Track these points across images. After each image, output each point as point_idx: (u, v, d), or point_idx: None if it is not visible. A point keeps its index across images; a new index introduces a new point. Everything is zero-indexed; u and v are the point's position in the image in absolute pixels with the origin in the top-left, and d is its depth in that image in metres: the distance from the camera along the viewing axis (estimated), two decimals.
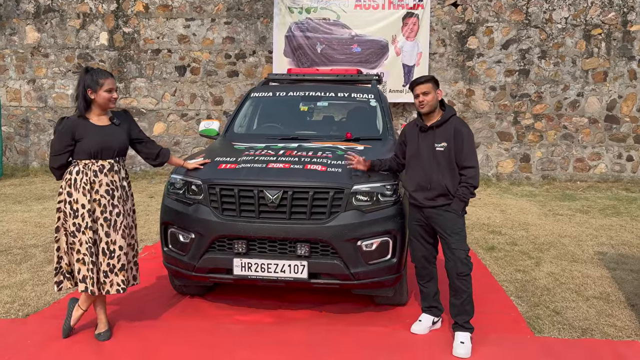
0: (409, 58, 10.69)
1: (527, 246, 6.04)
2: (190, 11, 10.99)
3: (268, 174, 3.68)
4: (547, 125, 10.79)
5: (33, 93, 11.30)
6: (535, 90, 10.74)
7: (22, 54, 11.21)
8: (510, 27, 10.66)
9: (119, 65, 11.13)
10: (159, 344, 3.51)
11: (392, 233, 3.66)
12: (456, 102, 10.87)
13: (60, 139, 3.40)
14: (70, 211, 3.38)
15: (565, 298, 4.39)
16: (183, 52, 11.06)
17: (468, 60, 10.79)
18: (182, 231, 3.77)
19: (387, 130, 4.86)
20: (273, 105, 5.34)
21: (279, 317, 3.95)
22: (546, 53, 10.64)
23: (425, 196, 3.53)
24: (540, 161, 10.88)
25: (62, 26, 11.10)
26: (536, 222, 7.32)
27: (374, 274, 3.64)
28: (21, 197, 8.74)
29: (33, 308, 4.07)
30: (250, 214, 3.61)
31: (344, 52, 10.71)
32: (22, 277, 4.73)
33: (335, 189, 3.59)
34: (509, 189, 10.19)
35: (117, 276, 3.46)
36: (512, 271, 5.11)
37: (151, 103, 11.22)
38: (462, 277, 3.42)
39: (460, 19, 10.73)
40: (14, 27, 11.15)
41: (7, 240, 5.95)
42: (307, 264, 3.55)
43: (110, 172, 3.45)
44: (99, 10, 11.04)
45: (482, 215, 7.80)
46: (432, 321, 3.73)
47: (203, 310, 4.09)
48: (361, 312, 4.05)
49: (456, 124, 3.56)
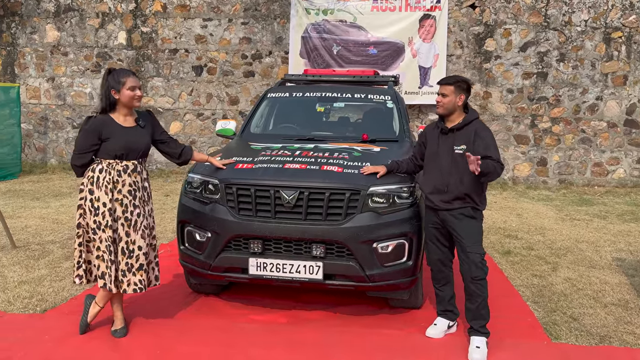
0: (425, 60, 10.65)
1: (543, 251, 5.98)
2: (208, 11, 11.05)
3: (284, 174, 3.68)
4: (565, 129, 10.67)
5: (52, 91, 11.45)
6: (553, 94, 10.62)
7: (42, 53, 11.37)
8: (529, 30, 10.57)
9: (136, 65, 11.23)
10: (174, 341, 3.53)
11: (408, 235, 3.65)
12: (473, 105, 10.77)
13: (86, 137, 3.42)
14: (91, 208, 3.41)
15: (583, 304, 4.34)
16: (200, 52, 11.12)
17: (485, 63, 10.71)
18: (199, 230, 3.80)
19: (403, 132, 4.84)
20: (289, 105, 5.35)
21: (293, 318, 3.95)
22: (565, 56, 10.52)
23: (442, 199, 3.51)
24: (558, 165, 10.76)
25: (81, 25, 11.23)
26: (553, 227, 7.24)
27: (389, 277, 3.63)
28: (39, 193, 8.86)
29: (51, 304, 4.12)
30: (267, 214, 3.62)
31: (359, 54, 10.70)
32: (40, 273, 4.79)
33: (351, 190, 3.58)
34: (525, 193, 10.09)
35: (134, 276, 3.48)
36: (528, 276, 5.05)
37: (168, 102, 11.31)
38: (477, 281, 3.39)
39: (478, 20, 10.65)
40: (34, 25, 11.31)
41: (25, 236, 6.03)
42: (323, 265, 3.55)
43: (134, 173, 3.48)
44: (118, 9, 11.15)
45: (498, 219, 7.73)
46: (448, 325, 3.70)
47: (218, 308, 4.11)
48: (376, 314, 4.04)
49: (477, 127, 3.52)
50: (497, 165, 3.38)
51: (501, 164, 3.42)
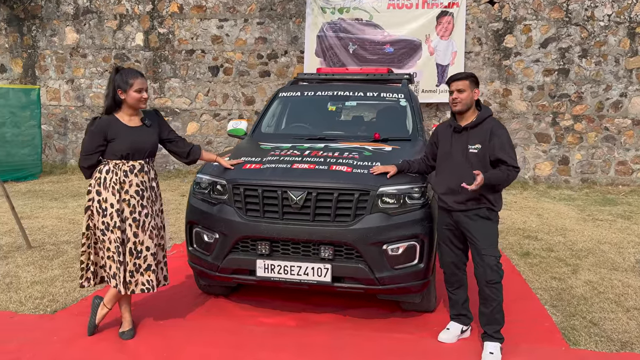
0: (443, 57, 10.48)
1: (564, 252, 5.80)
2: (224, 12, 11.06)
3: (292, 174, 3.62)
4: (588, 127, 10.40)
5: (71, 92, 11.59)
6: (575, 91, 10.36)
7: (62, 55, 11.51)
8: (550, 25, 10.32)
9: (153, 66, 11.30)
10: (182, 343, 3.49)
11: (420, 237, 3.54)
12: (492, 102, 10.60)
13: (92, 138, 3.40)
14: (99, 209, 3.39)
15: (604, 308, 4.17)
16: (216, 52, 11.14)
17: (505, 59, 10.50)
18: (207, 231, 3.75)
19: (417, 131, 4.74)
20: (301, 105, 5.28)
21: (302, 320, 3.88)
22: (587, 52, 10.25)
23: (455, 199, 3.40)
24: (580, 164, 10.49)
25: (99, 27, 11.34)
26: (574, 228, 7.04)
27: (400, 280, 3.53)
28: (58, 193, 8.95)
29: (61, 304, 4.12)
30: (274, 215, 3.55)
31: (376, 52, 10.58)
32: (53, 273, 4.81)
33: (360, 191, 3.50)
34: (546, 192, 9.86)
35: (142, 276, 3.45)
36: (547, 278, 4.90)
37: (185, 103, 11.35)
38: (491, 284, 3.28)
39: (497, 16, 10.45)
40: (54, 28, 11.45)
41: (41, 237, 6.08)
42: (331, 267, 3.47)
43: (141, 173, 3.45)
44: (135, 11, 11.23)
45: (518, 219, 7.56)
46: (461, 330, 3.60)
47: (228, 310, 4.06)
48: (387, 317, 3.94)
49: (493, 125, 3.41)
50: (509, 172, 3.27)
51: (515, 168, 3.29)
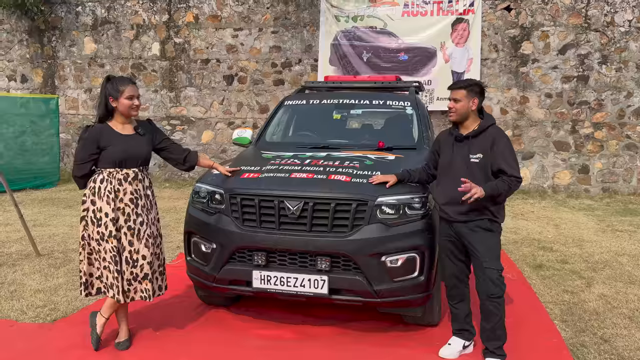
0: (458, 65, 10.35)
1: (579, 265, 5.61)
2: (239, 21, 11.11)
3: (290, 184, 3.55)
4: (609, 135, 10.13)
5: (89, 102, 11.76)
6: (595, 98, 10.11)
7: (80, 64, 11.70)
8: (568, 31, 10.11)
9: (170, 75, 11.41)
10: (178, 354, 3.44)
11: (420, 249, 3.44)
12: (509, 110, 10.41)
13: (84, 147, 3.39)
14: (94, 219, 3.37)
15: (617, 324, 4.00)
16: (231, 61, 11.19)
17: (522, 66, 10.31)
18: (204, 241, 3.71)
19: (422, 140, 4.63)
20: (306, 113, 5.23)
21: (301, 333, 3.80)
22: (607, 58, 10.00)
23: (457, 210, 3.30)
24: (601, 173, 10.21)
25: (117, 37, 11.50)
26: (592, 239, 6.82)
27: (400, 292, 3.43)
28: (72, 201, 9.05)
29: (62, 313, 4.12)
30: (271, 225, 3.49)
31: (390, 60, 10.50)
32: (57, 282, 4.82)
33: (358, 201, 3.41)
34: (565, 202, 9.60)
35: (140, 284, 3.43)
36: (559, 292, 4.73)
37: (200, 112, 11.42)
38: (493, 299, 3.16)
39: (514, 23, 10.28)
40: (73, 39, 11.66)
41: (51, 244, 6.13)
42: (328, 279, 3.39)
43: (135, 181, 3.43)
44: (152, 21, 11.37)
45: (534, 229, 7.36)
46: (463, 345, 3.47)
47: (225, 321, 4.00)
48: (388, 331, 3.83)
49: (495, 134, 3.30)
50: (511, 182, 3.16)
51: (517, 178, 3.19)
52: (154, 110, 11.53)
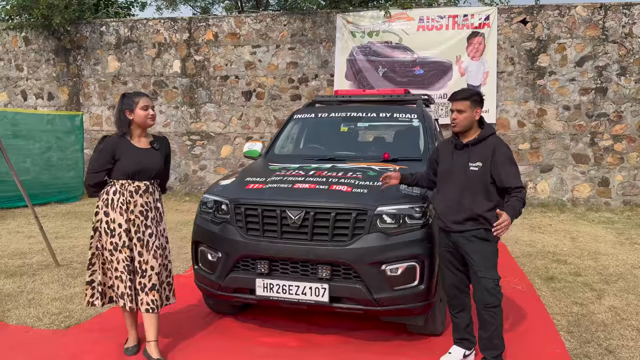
0: (474, 78, 10.36)
1: (592, 277, 5.54)
2: (257, 38, 11.35)
3: (292, 194, 3.65)
4: (629, 147, 9.98)
5: (113, 118, 12.09)
6: (614, 110, 9.99)
7: (104, 82, 12.08)
8: (585, 43, 10.05)
9: (190, 92, 11.69)
10: None
11: (420, 258, 3.49)
12: (527, 122, 10.35)
13: (100, 157, 3.53)
14: (107, 230, 3.50)
15: (624, 336, 3.95)
16: (249, 77, 11.42)
17: (539, 79, 10.27)
18: (211, 250, 3.82)
19: (428, 151, 4.67)
20: (314, 126, 5.34)
21: (305, 341, 3.86)
22: (626, 70, 9.90)
23: (454, 219, 3.33)
24: (622, 185, 10.05)
25: (139, 55, 11.86)
26: (609, 252, 6.72)
27: (400, 301, 3.47)
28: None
29: (76, 320, 4.26)
30: (273, 234, 3.59)
31: (405, 74, 10.58)
32: (73, 291, 4.98)
33: (358, 210, 3.49)
34: (584, 215, 9.47)
35: (147, 295, 3.50)
36: (568, 303, 4.69)
37: (219, 127, 11.65)
38: (489, 308, 3.18)
39: (530, 36, 10.27)
40: (97, 57, 12.07)
41: (70, 255, 6.33)
42: (329, 287, 3.45)
43: (146, 194, 3.55)
44: (173, 40, 11.70)
45: (550, 242, 7.29)
46: (464, 354, 3.48)
47: (231, 329, 4.09)
48: (391, 340, 3.86)
49: (495, 143, 3.34)
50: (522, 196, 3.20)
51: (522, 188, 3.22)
52: (175, 126, 11.82)
